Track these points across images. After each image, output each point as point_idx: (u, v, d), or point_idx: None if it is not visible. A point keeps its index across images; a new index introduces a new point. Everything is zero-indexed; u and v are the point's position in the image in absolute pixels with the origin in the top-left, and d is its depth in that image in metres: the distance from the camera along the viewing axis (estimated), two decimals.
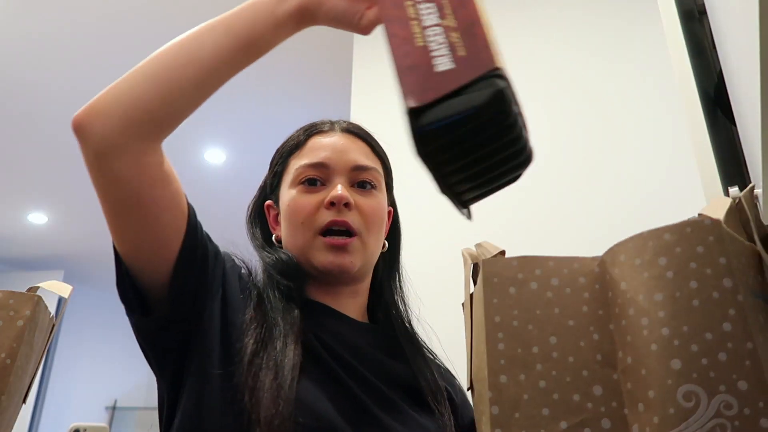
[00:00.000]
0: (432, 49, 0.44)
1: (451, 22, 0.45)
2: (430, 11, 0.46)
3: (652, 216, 1.36)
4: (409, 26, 0.46)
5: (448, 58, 0.43)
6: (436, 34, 0.45)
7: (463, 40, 0.44)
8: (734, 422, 0.36)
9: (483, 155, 0.45)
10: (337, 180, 0.76)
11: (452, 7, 0.46)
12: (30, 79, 2.82)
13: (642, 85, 1.54)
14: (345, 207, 0.73)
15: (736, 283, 0.39)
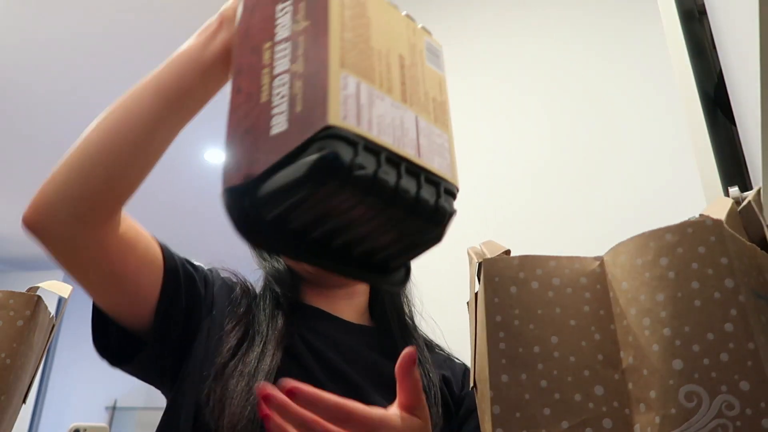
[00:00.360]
0: (274, 105, 0.35)
1: (300, 67, 0.35)
2: (285, 53, 0.36)
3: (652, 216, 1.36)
4: (259, 77, 0.37)
5: (285, 117, 0.34)
6: (283, 83, 0.35)
7: (303, 91, 0.34)
8: (736, 422, 0.36)
9: (343, 227, 0.36)
10: None
11: (305, 44, 0.36)
12: (30, 79, 2.82)
13: (642, 85, 1.54)
14: None
15: (738, 283, 0.39)
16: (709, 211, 0.45)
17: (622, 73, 1.58)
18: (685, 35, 0.91)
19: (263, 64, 0.37)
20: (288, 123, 0.33)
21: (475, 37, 1.84)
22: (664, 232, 0.42)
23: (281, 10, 0.38)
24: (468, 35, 1.86)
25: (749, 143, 0.78)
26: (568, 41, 1.69)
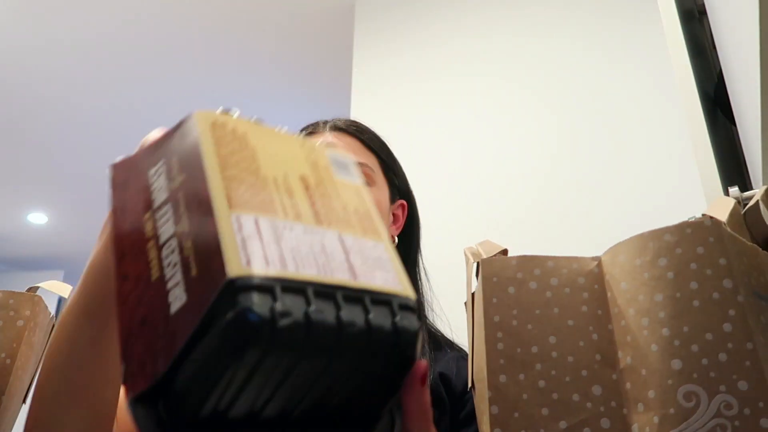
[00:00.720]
0: (167, 278, 0.28)
1: (185, 225, 0.29)
2: (167, 216, 0.30)
3: (652, 216, 1.36)
4: (145, 254, 0.30)
5: (182, 288, 0.27)
6: (171, 250, 0.29)
7: (195, 249, 0.28)
8: (734, 422, 0.36)
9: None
10: None
11: (186, 199, 0.30)
12: (30, 79, 2.83)
13: (642, 85, 1.54)
14: None
15: (737, 283, 0.39)
16: (711, 210, 0.45)
17: (622, 73, 1.58)
18: (685, 35, 0.91)
19: (146, 237, 0.31)
20: (186, 293, 0.27)
21: (476, 37, 1.84)
22: (663, 233, 0.42)
23: (155, 174, 0.33)
24: (468, 35, 1.86)
25: (749, 143, 0.78)
26: (568, 41, 1.69)
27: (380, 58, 1.99)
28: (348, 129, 0.79)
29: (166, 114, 3.10)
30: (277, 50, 2.56)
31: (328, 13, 2.34)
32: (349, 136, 0.78)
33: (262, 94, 2.88)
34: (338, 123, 0.80)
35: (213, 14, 2.39)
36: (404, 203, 0.81)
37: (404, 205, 0.81)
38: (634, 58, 1.57)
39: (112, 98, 2.96)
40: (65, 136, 3.30)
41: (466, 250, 0.53)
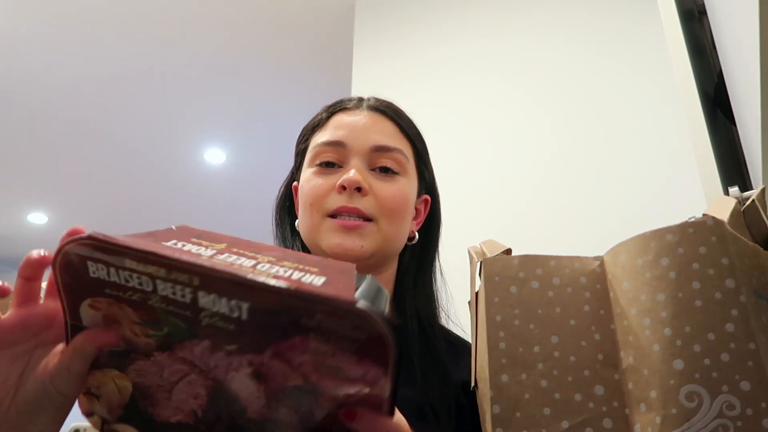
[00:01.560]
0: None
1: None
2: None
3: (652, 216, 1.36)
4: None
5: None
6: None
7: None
8: (737, 422, 0.36)
9: None
10: (353, 162, 0.69)
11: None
12: (30, 79, 2.82)
13: (642, 85, 1.54)
14: (357, 192, 0.66)
15: (739, 283, 0.39)
16: (711, 210, 0.45)
17: (622, 73, 1.58)
18: (685, 35, 0.91)
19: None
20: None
21: (476, 38, 1.84)
22: (665, 232, 0.42)
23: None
24: (468, 35, 1.86)
25: (749, 143, 0.78)
26: (568, 41, 1.69)
27: (380, 58, 1.99)
28: (386, 111, 0.74)
29: (167, 114, 3.10)
30: (277, 50, 2.55)
31: (328, 13, 2.34)
32: (387, 119, 0.74)
33: (262, 94, 2.88)
34: (378, 104, 0.75)
35: (213, 14, 2.39)
36: (428, 199, 0.78)
37: (428, 200, 0.78)
38: (634, 58, 1.57)
39: (113, 99, 2.96)
40: (65, 137, 3.30)
41: (470, 250, 0.53)
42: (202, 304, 0.34)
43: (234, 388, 0.36)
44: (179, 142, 3.32)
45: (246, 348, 0.35)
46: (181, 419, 0.37)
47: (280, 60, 2.61)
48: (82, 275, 0.35)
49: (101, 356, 0.37)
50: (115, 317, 0.36)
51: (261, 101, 2.92)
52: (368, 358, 0.32)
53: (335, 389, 0.34)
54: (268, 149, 3.23)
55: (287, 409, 0.35)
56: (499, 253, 0.48)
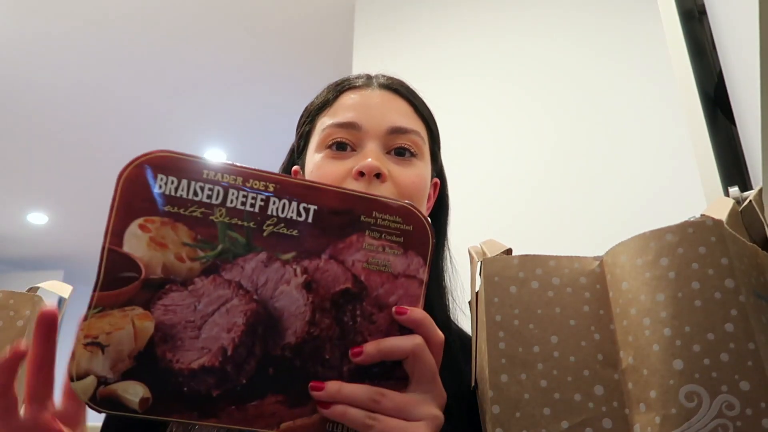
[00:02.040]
0: None
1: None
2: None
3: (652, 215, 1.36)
4: None
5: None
6: None
7: None
8: (736, 423, 0.36)
9: None
10: (369, 145, 0.64)
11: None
12: (30, 79, 2.82)
13: (642, 85, 1.54)
14: (376, 178, 0.61)
15: (738, 283, 0.39)
16: (710, 211, 0.45)
17: (622, 73, 1.58)
18: (685, 35, 0.91)
19: None
20: None
21: (475, 38, 1.84)
22: (665, 232, 0.42)
23: None
24: (468, 35, 1.86)
25: (749, 143, 0.78)
26: (567, 42, 1.69)
27: (380, 58, 1.99)
28: (400, 90, 0.69)
29: (167, 115, 3.10)
30: (276, 50, 2.55)
31: (328, 13, 2.34)
32: (401, 98, 0.69)
33: (262, 94, 2.88)
34: (390, 82, 0.70)
35: (212, 14, 2.39)
36: (437, 182, 0.74)
37: (437, 184, 0.74)
38: (634, 58, 1.57)
39: (113, 99, 2.96)
40: (66, 137, 3.30)
41: (470, 249, 0.53)
42: (271, 211, 0.39)
43: (279, 307, 0.38)
44: (179, 142, 3.32)
45: (303, 254, 0.39)
46: (206, 363, 0.37)
47: (279, 60, 2.61)
48: (144, 191, 0.38)
49: (128, 292, 0.37)
50: (162, 241, 0.37)
51: (260, 101, 2.92)
52: (412, 250, 0.40)
53: (381, 288, 0.39)
54: (268, 149, 3.23)
55: (330, 321, 0.38)
56: (500, 253, 0.48)
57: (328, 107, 0.69)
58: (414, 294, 0.40)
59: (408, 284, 0.40)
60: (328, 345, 0.38)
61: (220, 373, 0.37)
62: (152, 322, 0.37)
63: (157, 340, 0.37)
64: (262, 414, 0.37)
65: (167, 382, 0.36)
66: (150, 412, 0.36)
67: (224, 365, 0.37)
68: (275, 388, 0.37)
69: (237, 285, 0.38)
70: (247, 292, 0.38)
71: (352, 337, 0.39)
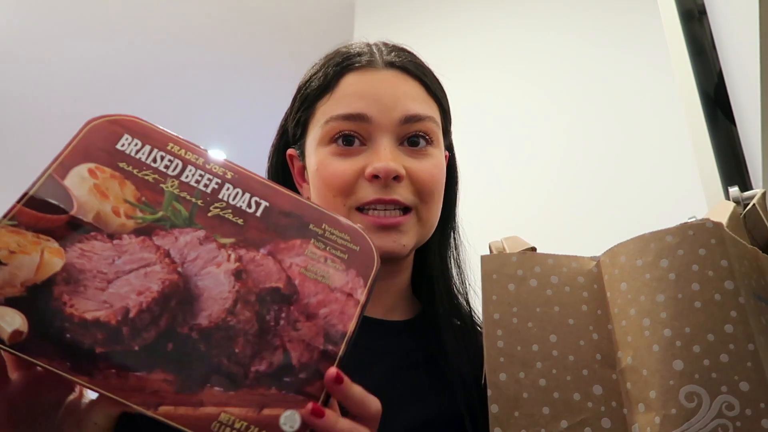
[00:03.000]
0: None
1: None
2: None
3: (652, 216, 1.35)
4: None
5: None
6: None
7: None
8: (736, 423, 0.36)
9: None
10: (381, 139, 0.57)
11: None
12: (31, 78, 2.82)
13: (642, 85, 1.54)
14: (394, 180, 0.56)
15: (738, 285, 0.39)
16: (711, 214, 0.45)
17: (622, 73, 1.58)
18: (685, 35, 0.91)
19: None
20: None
21: (475, 38, 1.84)
22: (665, 234, 0.42)
23: None
24: (468, 35, 1.85)
25: (749, 143, 0.78)
26: (567, 41, 1.69)
27: None
28: (410, 68, 0.61)
29: (167, 114, 3.10)
30: (276, 50, 2.55)
31: (328, 13, 2.34)
32: (412, 79, 0.61)
33: (262, 94, 2.88)
34: (397, 59, 0.62)
35: (212, 14, 2.38)
36: (446, 155, 0.67)
37: (446, 157, 0.67)
38: (634, 58, 1.57)
39: (114, 99, 2.95)
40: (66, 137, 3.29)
41: (491, 245, 0.53)
42: (222, 195, 0.39)
43: (201, 286, 0.36)
44: None
45: (242, 243, 0.37)
46: (102, 317, 0.34)
47: (279, 59, 2.61)
48: (105, 143, 0.38)
49: (50, 221, 0.35)
50: (105, 191, 0.37)
51: (260, 101, 2.92)
52: (354, 269, 0.38)
53: (314, 297, 0.37)
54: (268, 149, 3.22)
55: (251, 315, 0.36)
56: (521, 250, 0.48)
57: (328, 92, 0.60)
58: (348, 313, 0.37)
59: (344, 301, 0.37)
60: (241, 338, 0.35)
61: (113, 332, 0.33)
62: (62, 261, 0.34)
63: (59, 279, 0.34)
64: (143, 388, 0.33)
65: (50, 323, 0.33)
66: (18, 347, 0.32)
67: (121, 325, 0.34)
68: (168, 366, 0.33)
69: (165, 253, 0.36)
70: (173, 262, 0.36)
71: (270, 338, 0.36)
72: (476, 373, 0.56)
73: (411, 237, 0.57)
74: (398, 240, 0.56)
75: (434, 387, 0.58)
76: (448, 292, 0.64)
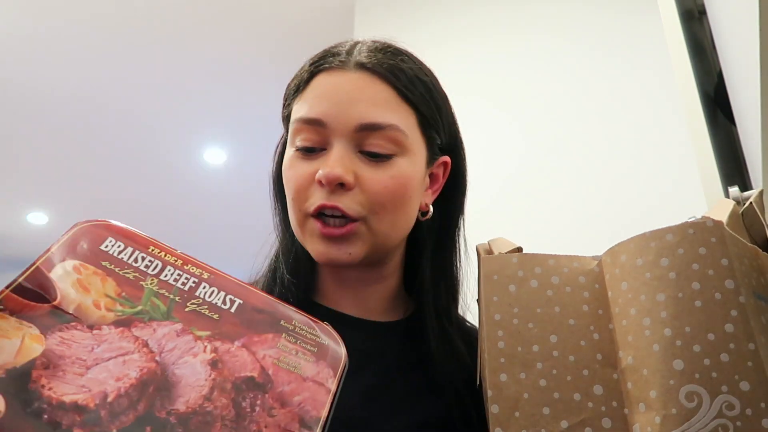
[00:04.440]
0: None
1: None
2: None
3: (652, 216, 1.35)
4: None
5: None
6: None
7: None
8: (736, 423, 0.36)
9: None
10: (336, 144, 0.55)
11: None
12: (30, 79, 2.82)
13: (642, 85, 1.54)
14: (340, 187, 0.54)
15: (738, 284, 0.39)
16: (711, 212, 0.45)
17: (622, 73, 1.58)
18: (685, 35, 0.91)
19: None
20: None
21: (475, 38, 1.84)
22: (665, 233, 0.42)
23: None
24: (468, 35, 1.85)
25: (749, 143, 0.78)
26: (567, 41, 1.69)
27: None
28: (378, 70, 0.58)
29: (167, 114, 3.10)
30: (276, 50, 2.55)
31: (328, 13, 2.34)
32: (380, 81, 0.57)
33: (262, 94, 2.88)
34: (368, 59, 0.58)
35: (212, 14, 2.39)
36: (447, 160, 0.64)
37: (447, 163, 0.64)
38: (635, 58, 1.57)
39: (113, 99, 2.96)
40: (65, 137, 3.30)
41: (478, 247, 0.53)
42: (199, 293, 0.41)
43: (179, 373, 0.37)
44: (179, 142, 3.32)
45: (218, 336, 0.40)
46: (80, 400, 0.34)
47: (280, 59, 2.61)
48: (91, 244, 0.41)
49: (34, 309, 0.37)
50: (87, 285, 0.39)
51: (261, 101, 2.92)
52: (324, 360, 0.41)
53: (287, 385, 0.39)
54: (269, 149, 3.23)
55: (228, 402, 0.37)
56: (508, 251, 0.48)
57: (301, 91, 0.60)
58: (320, 400, 0.39)
59: (316, 389, 0.40)
60: (218, 423, 0.36)
61: (91, 414, 0.34)
62: (42, 346, 0.35)
63: (38, 364, 0.35)
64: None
65: (29, 403, 0.33)
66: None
67: (99, 408, 0.34)
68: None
69: (143, 343, 0.38)
70: (151, 351, 0.38)
71: (247, 423, 0.37)
72: (464, 376, 0.58)
73: (359, 247, 0.56)
74: (344, 249, 0.56)
75: (426, 389, 0.59)
76: (437, 297, 0.63)
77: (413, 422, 0.56)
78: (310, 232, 0.57)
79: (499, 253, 0.48)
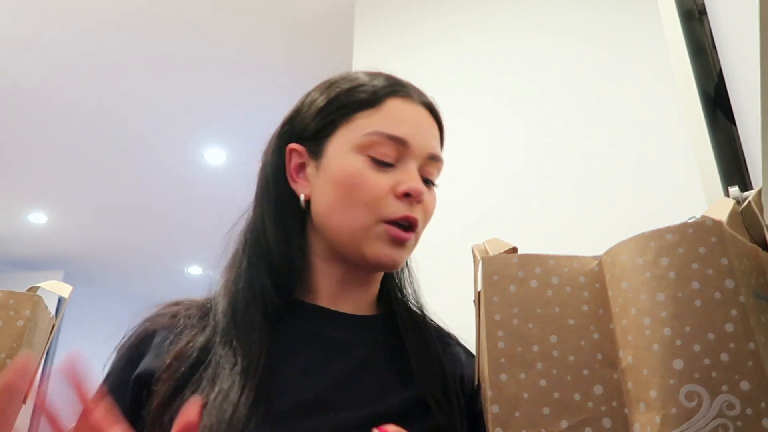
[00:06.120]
0: None
1: None
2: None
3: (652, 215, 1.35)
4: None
5: None
6: None
7: None
8: (736, 422, 0.36)
9: None
10: (412, 166, 0.63)
11: None
12: (30, 79, 2.82)
13: (642, 84, 1.54)
14: (417, 203, 0.64)
15: (738, 283, 0.39)
16: (710, 211, 0.45)
17: (622, 73, 1.58)
18: (685, 35, 0.91)
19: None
20: None
21: (475, 38, 1.84)
22: (665, 232, 0.42)
23: None
24: (468, 35, 1.86)
25: (749, 143, 0.78)
26: (567, 41, 1.69)
27: (380, 58, 1.99)
28: (435, 112, 0.69)
29: (167, 114, 3.10)
30: (277, 49, 2.55)
31: (328, 13, 2.34)
32: (434, 122, 0.68)
33: (263, 93, 2.88)
34: (428, 102, 0.68)
35: (212, 14, 2.39)
36: None
37: None
38: (635, 58, 1.57)
39: (113, 99, 2.96)
40: (65, 137, 3.30)
41: (474, 248, 0.53)
42: None
43: None
44: (179, 141, 3.32)
45: None
46: None
47: (280, 59, 2.61)
48: None
49: None
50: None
51: (261, 101, 2.92)
52: None
53: None
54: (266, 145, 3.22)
55: None
56: (503, 252, 0.48)
57: (374, 107, 0.64)
58: None
59: None
60: None
61: None
62: None
63: None
64: None
65: None
66: None
67: None
68: None
69: None
70: None
71: None
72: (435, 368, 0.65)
73: (408, 252, 0.66)
74: (403, 254, 0.64)
75: (399, 377, 0.64)
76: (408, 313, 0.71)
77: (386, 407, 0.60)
78: (377, 236, 0.63)
79: (495, 253, 0.48)
